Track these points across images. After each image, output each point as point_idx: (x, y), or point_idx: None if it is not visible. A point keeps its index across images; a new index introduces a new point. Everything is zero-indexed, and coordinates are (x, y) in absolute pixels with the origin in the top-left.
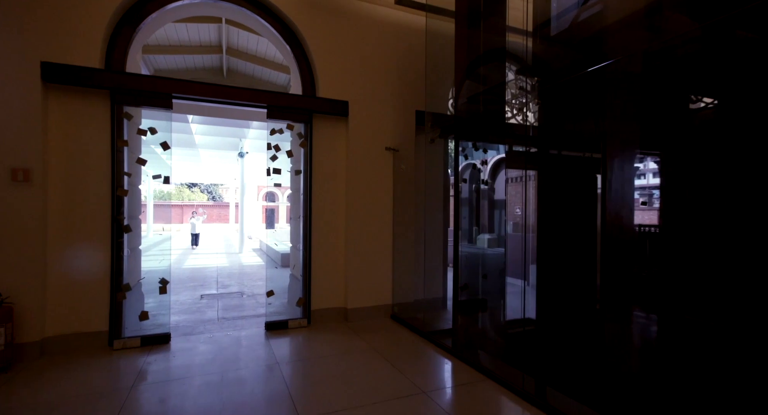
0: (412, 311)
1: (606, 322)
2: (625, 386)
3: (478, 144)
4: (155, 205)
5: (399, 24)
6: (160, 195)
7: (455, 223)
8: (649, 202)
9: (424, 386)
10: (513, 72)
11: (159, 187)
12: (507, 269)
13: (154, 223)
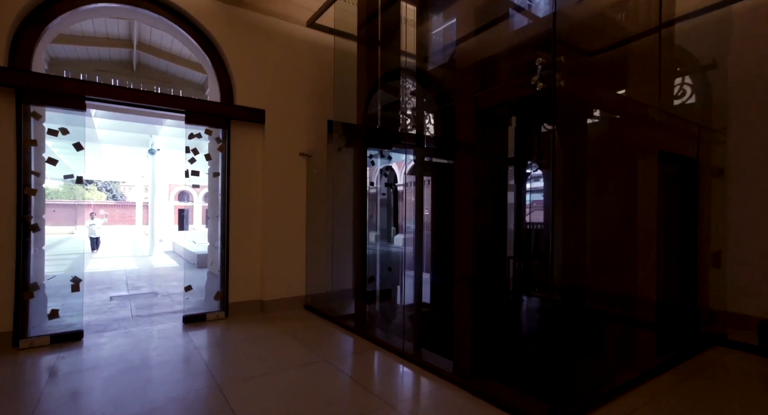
0: (325, 301)
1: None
2: (479, 345)
3: (383, 151)
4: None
5: (313, 41)
6: (47, 193)
7: (361, 223)
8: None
9: (327, 356)
10: (408, 91)
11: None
12: (413, 263)
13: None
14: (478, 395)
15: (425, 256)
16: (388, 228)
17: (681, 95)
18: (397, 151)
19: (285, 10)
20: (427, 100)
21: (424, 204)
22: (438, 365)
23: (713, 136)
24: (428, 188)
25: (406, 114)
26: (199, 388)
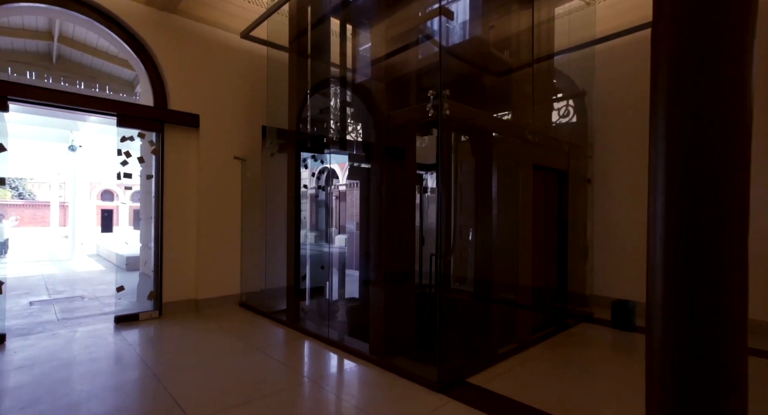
0: (259, 299)
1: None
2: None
3: (316, 155)
4: None
5: (248, 49)
6: None
7: (295, 224)
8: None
9: (259, 345)
10: (340, 100)
11: None
12: (347, 262)
13: None
14: (387, 369)
15: (360, 255)
16: (327, 229)
17: (566, 115)
18: (340, 153)
19: (220, 19)
20: (359, 108)
21: (356, 206)
22: (358, 348)
23: (582, 151)
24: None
25: (338, 121)
26: (136, 378)
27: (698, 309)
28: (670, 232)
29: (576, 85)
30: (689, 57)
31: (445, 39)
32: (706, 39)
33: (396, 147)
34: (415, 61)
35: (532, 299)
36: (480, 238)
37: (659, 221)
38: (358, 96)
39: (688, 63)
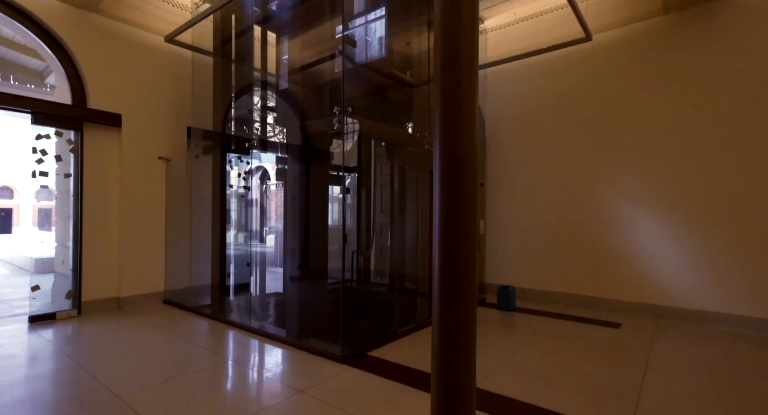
0: (184, 296)
1: (316, 288)
2: (308, 318)
3: (242, 156)
4: None
5: (173, 51)
6: None
7: (220, 223)
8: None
9: (183, 335)
10: (267, 103)
11: None
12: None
13: None
14: (301, 348)
15: (284, 253)
16: (253, 228)
17: None
18: (266, 153)
19: (143, 21)
20: (284, 112)
21: (283, 206)
22: (277, 333)
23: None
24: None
25: (264, 124)
26: (58, 368)
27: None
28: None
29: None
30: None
31: (363, 52)
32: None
33: (315, 151)
34: (334, 72)
35: (430, 288)
36: (393, 235)
37: (437, 214)
38: (285, 100)
39: (445, 114)
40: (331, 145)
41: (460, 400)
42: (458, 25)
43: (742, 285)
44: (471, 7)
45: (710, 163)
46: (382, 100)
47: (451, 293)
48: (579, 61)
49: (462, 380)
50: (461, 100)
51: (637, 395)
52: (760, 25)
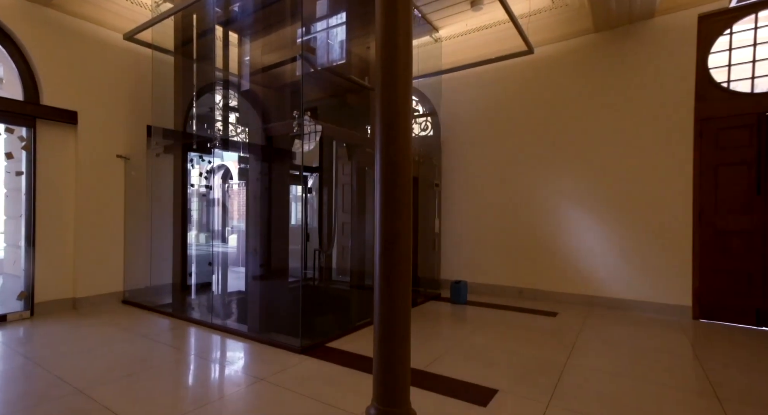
0: (144, 296)
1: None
2: (271, 313)
3: (203, 156)
4: None
5: (132, 49)
6: None
7: (182, 222)
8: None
9: (144, 333)
10: (229, 103)
11: None
12: (236, 259)
13: None
14: (262, 342)
15: (246, 252)
16: (216, 227)
17: (426, 129)
18: (232, 152)
19: (101, 17)
20: (247, 112)
21: (246, 206)
22: (239, 329)
23: (431, 160)
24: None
25: (226, 123)
26: (15, 366)
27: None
28: (381, 220)
29: (432, 105)
30: (384, 123)
31: (325, 55)
32: (390, 108)
33: (277, 150)
34: (296, 75)
35: None
36: (354, 234)
37: (377, 211)
38: (247, 100)
39: (384, 123)
40: (294, 146)
41: (395, 375)
42: (395, 44)
43: (658, 276)
44: (406, 28)
45: (629, 167)
46: (342, 102)
47: (389, 279)
48: (524, 71)
49: (397, 357)
50: (397, 113)
51: (560, 371)
52: (672, 44)
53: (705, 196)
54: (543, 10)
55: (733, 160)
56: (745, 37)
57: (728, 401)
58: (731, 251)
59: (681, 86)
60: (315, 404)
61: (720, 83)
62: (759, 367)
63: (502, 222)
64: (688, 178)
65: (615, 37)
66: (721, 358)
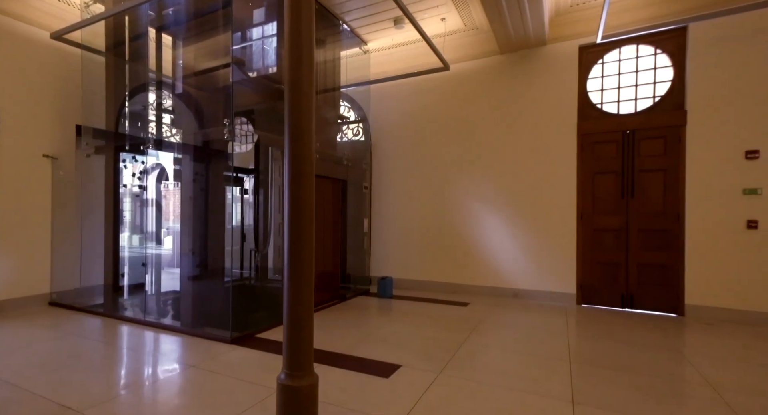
0: (73, 297)
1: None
2: (205, 310)
3: (136, 156)
4: None
5: (61, 48)
6: None
7: (114, 223)
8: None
9: (74, 332)
10: (163, 103)
11: None
12: (171, 260)
13: None
14: (195, 335)
15: (181, 252)
16: (149, 229)
17: (357, 134)
18: (167, 152)
19: (26, 14)
20: (182, 114)
21: (181, 207)
22: (172, 325)
23: (360, 164)
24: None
25: (160, 124)
26: None
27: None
28: (290, 220)
29: (363, 112)
30: (292, 127)
31: (260, 60)
32: (296, 124)
33: (213, 152)
34: (229, 80)
35: (319, 281)
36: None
37: (287, 211)
38: (182, 102)
39: (293, 129)
40: (228, 147)
41: (300, 347)
42: (300, 62)
43: (551, 268)
44: (309, 47)
45: (529, 173)
46: (274, 108)
47: (298, 275)
48: (443, 85)
49: (302, 332)
50: (302, 129)
51: (457, 349)
52: (561, 69)
53: (585, 200)
54: (457, 32)
55: (606, 169)
56: (614, 68)
57: (576, 362)
58: (604, 246)
59: (568, 105)
60: (240, 383)
61: (595, 104)
62: (609, 337)
63: (426, 222)
64: (573, 184)
65: (517, 59)
66: (584, 333)
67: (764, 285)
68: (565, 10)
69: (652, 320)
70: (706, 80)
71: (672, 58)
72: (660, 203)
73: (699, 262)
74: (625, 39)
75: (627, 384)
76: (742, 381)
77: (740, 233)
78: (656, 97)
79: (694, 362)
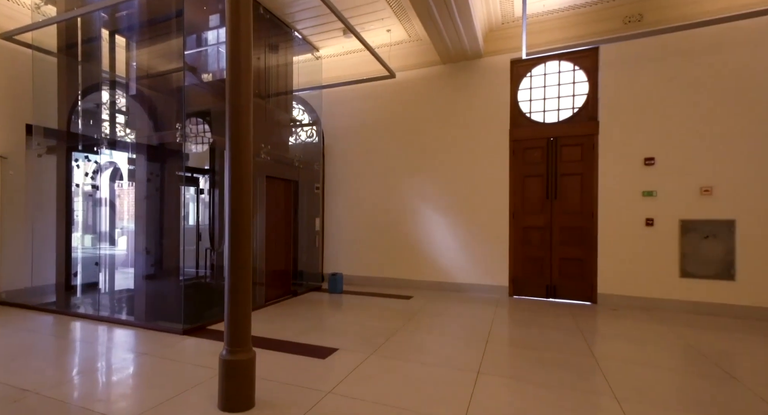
0: (25, 296)
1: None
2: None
3: (89, 156)
4: None
5: (10, 46)
6: None
7: (67, 222)
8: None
9: (26, 327)
10: (118, 103)
11: None
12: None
13: None
14: (148, 328)
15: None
16: (111, 230)
17: (311, 136)
18: (122, 152)
19: None
20: (137, 114)
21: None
22: (126, 319)
23: (312, 165)
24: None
25: (114, 123)
26: None
27: (235, 262)
28: (230, 220)
29: (317, 114)
30: (231, 142)
31: (215, 62)
32: (237, 120)
33: (168, 152)
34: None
35: (271, 277)
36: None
37: (227, 212)
38: (137, 102)
39: (232, 132)
40: (183, 149)
41: (239, 327)
42: (239, 69)
43: (487, 263)
44: (247, 60)
45: (468, 175)
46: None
47: (237, 262)
48: (391, 91)
49: (240, 314)
50: (239, 135)
51: (391, 335)
52: (496, 79)
53: (516, 200)
54: (403, 42)
55: (533, 173)
56: (540, 81)
57: (492, 343)
58: (531, 243)
59: (501, 113)
60: (189, 366)
61: (525, 113)
62: (528, 323)
63: (375, 221)
64: (506, 186)
65: (457, 69)
66: (507, 320)
67: (658, 275)
68: (498, 27)
69: (569, 308)
70: (613, 95)
71: (588, 74)
72: (578, 204)
73: (608, 256)
74: (549, 55)
75: (529, 358)
76: (621, 353)
77: (640, 230)
78: (575, 108)
79: (589, 340)
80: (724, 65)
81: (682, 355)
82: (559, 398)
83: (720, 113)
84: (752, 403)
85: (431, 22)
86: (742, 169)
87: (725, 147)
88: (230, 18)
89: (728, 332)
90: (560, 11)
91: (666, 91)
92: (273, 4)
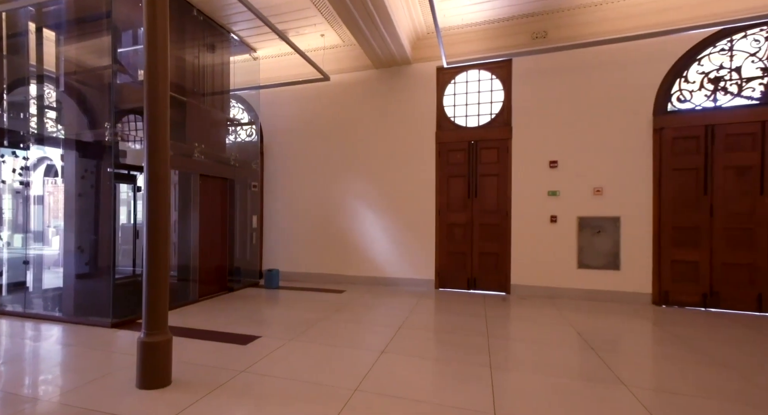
0: None
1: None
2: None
3: (15, 151)
4: None
5: None
6: None
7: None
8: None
9: None
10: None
11: None
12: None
13: None
14: (77, 323)
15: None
16: (41, 225)
17: (251, 135)
18: (54, 147)
19: None
20: (70, 109)
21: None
22: (54, 315)
23: (248, 164)
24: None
25: (42, 118)
26: None
27: (152, 260)
28: (148, 219)
29: (255, 114)
30: (151, 144)
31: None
32: (153, 131)
33: (104, 148)
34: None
35: (205, 274)
36: (180, 231)
37: (146, 211)
38: (70, 97)
39: (151, 145)
40: (114, 145)
41: (157, 312)
42: (156, 79)
43: (416, 258)
44: (164, 65)
45: (398, 175)
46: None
47: (154, 253)
48: (327, 93)
49: (158, 301)
50: (157, 134)
51: (314, 324)
52: (424, 85)
53: (442, 199)
54: (337, 46)
55: (457, 173)
56: (462, 88)
57: (405, 328)
58: (455, 239)
59: (429, 117)
60: (113, 354)
61: (450, 117)
62: (444, 311)
63: (311, 218)
64: (433, 185)
65: (389, 74)
66: (426, 309)
67: (560, 266)
68: (424, 36)
69: (485, 298)
70: (524, 103)
71: (503, 83)
72: (495, 202)
73: (519, 250)
74: (470, 65)
75: (432, 339)
76: (510, 333)
77: (546, 226)
78: (493, 114)
79: (491, 323)
80: (608, 81)
81: (558, 333)
82: (444, 369)
83: (606, 123)
84: (596, 365)
85: (358, 30)
86: (625, 173)
87: (612, 153)
88: (147, 27)
89: (607, 314)
90: (477, 25)
91: (565, 101)
92: (209, 6)
